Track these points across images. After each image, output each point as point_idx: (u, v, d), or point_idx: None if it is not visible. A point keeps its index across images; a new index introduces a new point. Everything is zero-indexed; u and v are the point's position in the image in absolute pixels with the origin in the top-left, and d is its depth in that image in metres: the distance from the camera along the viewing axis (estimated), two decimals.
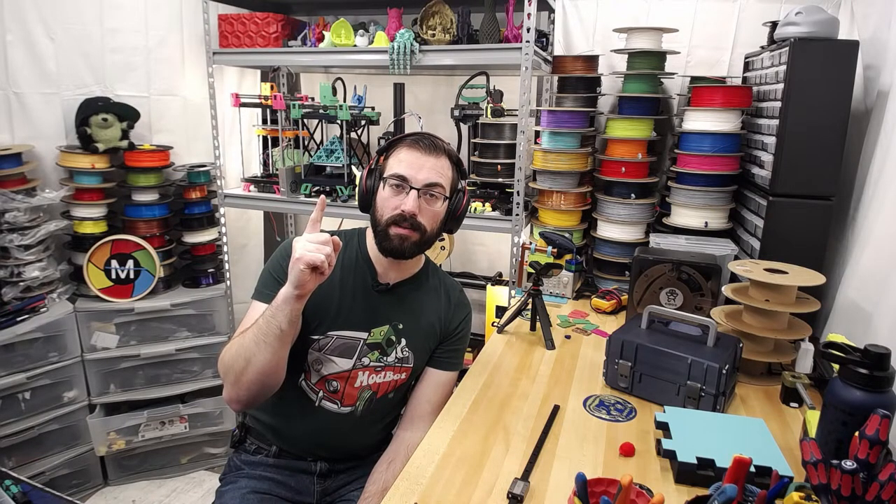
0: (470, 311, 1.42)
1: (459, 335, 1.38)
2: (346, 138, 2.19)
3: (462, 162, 1.31)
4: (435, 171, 1.21)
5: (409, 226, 1.20)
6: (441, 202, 1.24)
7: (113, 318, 2.28)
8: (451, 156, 1.27)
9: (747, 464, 0.82)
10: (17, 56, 2.16)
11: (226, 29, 2.27)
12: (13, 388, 2.07)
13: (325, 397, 1.27)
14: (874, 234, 1.43)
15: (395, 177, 1.20)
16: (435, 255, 2.28)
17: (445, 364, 1.36)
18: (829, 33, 1.54)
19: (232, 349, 1.14)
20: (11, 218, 2.08)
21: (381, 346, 1.28)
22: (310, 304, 1.17)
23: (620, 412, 1.25)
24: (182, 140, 2.48)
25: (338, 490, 1.33)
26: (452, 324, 1.37)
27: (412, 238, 1.21)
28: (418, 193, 1.19)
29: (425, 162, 1.20)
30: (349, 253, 1.32)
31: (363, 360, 1.27)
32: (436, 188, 1.21)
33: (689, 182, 1.86)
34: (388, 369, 1.30)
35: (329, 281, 1.18)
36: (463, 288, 1.44)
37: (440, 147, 1.24)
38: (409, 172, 1.20)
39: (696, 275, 1.55)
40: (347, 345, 1.26)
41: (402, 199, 1.20)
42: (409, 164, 1.20)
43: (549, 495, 0.99)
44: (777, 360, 1.40)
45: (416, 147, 1.22)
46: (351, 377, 1.27)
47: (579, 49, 2.22)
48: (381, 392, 1.31)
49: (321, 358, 1.25)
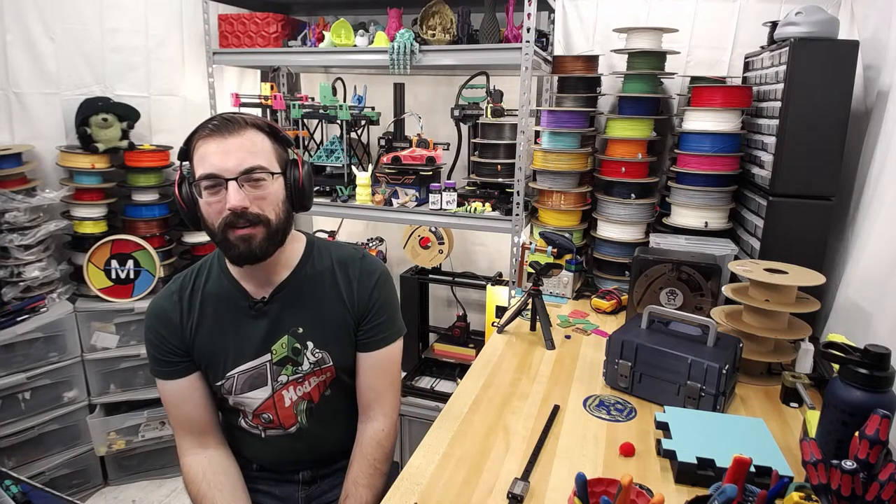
0: (381, 273, 1.22)
1: (377, 307, 1.19)
2: (346, 138, 2.19)
3: (279, 129, 1.12)
4: (245, 151, 1.03)
5: (246, 223, 1.04)
6: (270, 181, 1.06)
7: (113, 318, 2.28)
8: (259, 127, 1.07)
9: (747, 464, 0.82)
10: (17, 56, 2.15)
11: (226, 29, 2.27)
12: (13, 388, 2.06)
13: (266, 429, 1.21)
14: (874, 234, 1.43)
15: (205, 177, 1.02)
16: (434, 255, 2.28)
17: (373, 344, 1.20)
18: (829, 33, 1.54)
19: (191, 497, 1.16)
20: (11, 218, 2.08)
21: (290, 359, 1.17)
22: (198, 355, 1.17)
23: (620, 412, 1.25)
24: (182, 140, 2.46)
25: (323, 495, 1.29)
26: (362, 299, 1.18)
27: (258, 235, 1.05)
28: (238, 183, 1.02)
29: (229, 145, 1.02)
30: (212, 282, 1.18)
31: (280, 380, 1.17)
32: (255, 171, 1.03)
33: (689, 182, 1.86)
34: (308, 377, 1.18)
35: (204, 325, 1.16)
36: (365, 253, 1.25)
37: (239, 122, 1.05)
38: (217, 165, 1.02)
39: (696, 275, 1.55)
40: (254, 375, 1.17)
41: (223, 197, 1.02)
42: (212, 155, 1.02)
43: (549, 495, 0.99)
44: (777, 360, 1.40)
45: (213, 134, 1.03)
46: (277, 401, 1.18)
47: (579, 49, 2.22)
48: (316, 397, 1.21)
49: (237, 399, 1.18)
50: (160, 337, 1.16)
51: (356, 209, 2.15)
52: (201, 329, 1.17)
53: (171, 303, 1.17)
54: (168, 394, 1.18)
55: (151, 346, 1.17)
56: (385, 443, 1.19)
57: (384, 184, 2.14)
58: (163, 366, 1.16)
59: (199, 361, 1.18)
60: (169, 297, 1.18)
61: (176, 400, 1.18)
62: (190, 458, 1.18)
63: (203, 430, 1.20)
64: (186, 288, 1.19)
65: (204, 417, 1.20)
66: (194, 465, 1.17)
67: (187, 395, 1.17)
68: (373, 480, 1.15)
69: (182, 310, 1.17)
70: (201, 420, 1.19)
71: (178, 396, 1.18)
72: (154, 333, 1.16)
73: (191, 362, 1.18)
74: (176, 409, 1.18)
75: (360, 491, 1.13)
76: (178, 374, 1.17)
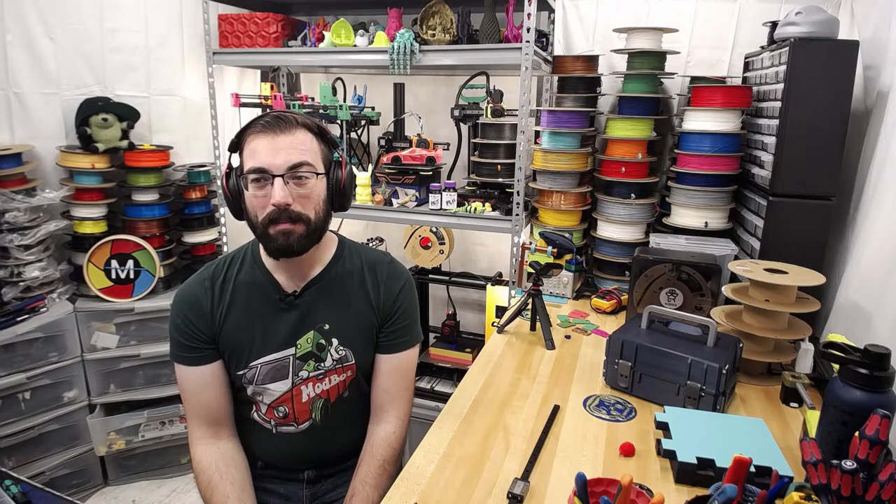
0: (407, 279, 1.26)
1: (400, 311, 1.23)
2: (346, 138, 2.19)
3: (327, 130, 1.16)
4: (294, 150, 1.07)
5: (287, 219, 1.07)
6: (314, 181, 1.10)
7: (113, 318, 2.28)
8: (309, 127, 1.12)
9: (747, 464, 0.82)
10: (17, 56, 2.15)
11: (226, 29, 2.27)
12: (13, 388, 2.06)
13: (278, 424, 1.22)
14: (874, 234, 1.43)
15: (253, 171, 1.06)
16: (434, 255, 2.28)
17: (393, 347, 1.23)
18: (829, 33, 1.54)
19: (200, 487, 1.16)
20: (11, 218, 2.08)
21: (313, 355, 1.19)
22: (224, 344, 1.18)
23: (620, 412, 1.25)
24: (182, 140, 2.48)
25: (327, 493, 1.29)
26: (387, 301, 1.22)
27: (297, 231, 1.09)
28: (283, 180, 1.06)
29: (279, 143, 1.06)
30: (244, 272, 1.21)
31: (301, 375, 1.19)
32: (301, 168, 1.07)
33: (689, 182, 1.86)
34: (330, 374, 1.20)
35: (233, 313, 1.17)
36: (393, 258, 1.29)
37: (291, 121, 1.09)
38: (265, 161, 1.06)
39: (696, 275, 1.55)
40: (277, 367, 1.18)
41: (268, 192, 1.07)
42: (262, 151, 1.06)
43: (549, 495, 0.99)
44: (777, 360, 1.40)
45: (265, 131, 1.07)
46: (295, 396, 1.19)
47: (579, 49, 2.22)
48: (333, 396, 1.22)
49: (256, 389, 1.19)
50: (188, 322, 1.17)
51: (356, 209, 2.15)
52: (230, 317, 1.17)
53: (203, 289, 1.19)
54: (188, 380, 1.19)
55: (178, 332, 1.18)
56: (395, 445, 1.20)
57: (384, 184, 2.14)
58: (187, 351, 1.17)
59: (224, 349, 1.18)
60: (200, 283, 1.20)
61: (195, 387, 1.19)
62: (203, 448, 1.18)
63: (218, 421, 1.20)
64: (219, 276, 1.20)
65: (221, 407, 1.21)
66: (207, 455, 1.17)
67: (208, 383, 1.19)
68: (381, 481, 1.15)
69: (213, 297, 1.18)
70: (218, 410, 1.20)
71: (199, 384, 1.18)
72: (182, 318, 1.17)
73: (215, 350, 1.19)
74: (195, 397, 1.19)
75: (367, 490, 1.14)
76: (201, 361, 1.18)
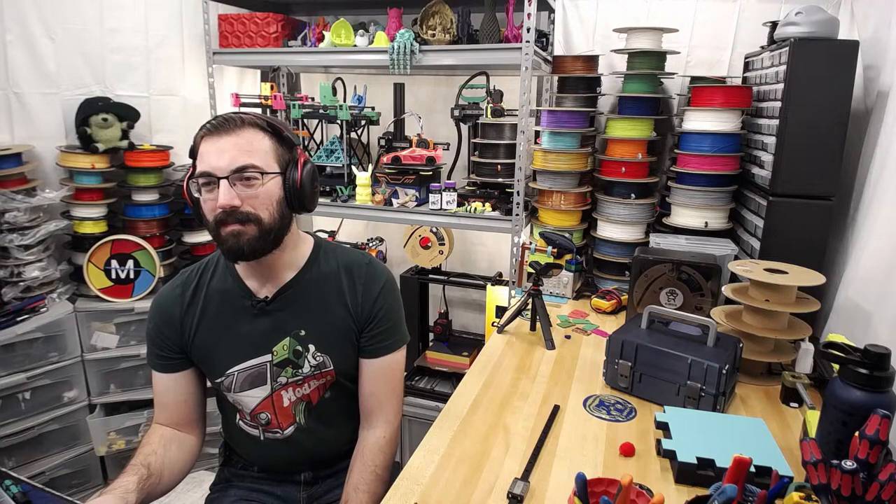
0: (386, 279, 1.21)
1: (381, 314, 1.18)
2: (346, 138, 2.19)
3: (283, 128, 1.10)
4: (238, 150, 1.02)
5: (236, 220, 1.04)
6: (266, 181, 1.05)
7: (113, 318, 2.28)
8: (258, 125, 1.06)
9: (747, 464, 0.82)
10: (17, 56, 2.15)
11: (226, 29, 2.27)
12: (13, 388, 2.06)
13: (264, 430, 1.21)
14: (874, 234, 1.43)
15: (200, 175, 1.04)
16: (434, 255, 2.28)
17: (376, 351, 1.19)
18: (829, 33, 1.54)
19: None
20: (11, 218, 2.08)
21: (290, 361, 1.16)
22: (196, 352, 1.18)
23: (620, 412, 1.25)
24: (182, 140, 2.47)
25: (325, 495, 1.29)
26: (366, 304, 1.17)
27: (248, 232, 1.05)
28: (229, 182, 1.02)
29: (223, 144, 1.02)
30: (217, 279, 1.19)
31: (279, 381, 1.16)
32: (247, 169, 1.03)
33: (689, 182, 1.86)
34: (308, 379, 1.18)
35: (206, 321, 1.17)
36: (372, 259, 1.23)
37: (236, 121, 1.04)
38: (211, 164, 1.02)
39: (696, 275, 1.55)
40: (254, 374, 1.16)
41: (216, 195, 1.03)
42: (207, 154, 1.03)
43: (549, 495, 0.99)
44: (777, 360, 1.40)
45: (209, 134, 1.04)
46: (275, 401, 1.18)
47: (579, 49, 2.22)
48: (315, 399, 1.20)
49: (236, 397, 1.18)
50: (158, 331, 1.18)
51: (356, 209, 2.15)
52: (202, 324, 1.17)
53: (174, 297, 1.19)
54: (156, 383, 1.21)
55: (149, 338, 1.20)
56: (386, 449, 1.19)
57: (384, 184, 2.14)
58: (158, 358, 1.19)
59: (196, 357, 1.19)
60: (172, 290, 1.20)
61: (161, 390, 1.21)
62: (156, 426, 1.21)
63: (179, 424, 1.22)
64: (192, 282, 1.20)
65: (184, 414, 1.21)
66: (157, 430, 1.19)
67: (171, 388, 1.20)
68: (373, 486, 1.14)
69: (184, 304, 1.18)
70: (179, 415, 1.21)
71: (164, 388, 1.20)
72: (153, 325, 1.19)
73: (185, 358, 1.19)
74: (159, 397, 1.21)
75: (359, 496, 1.13)
76: (171, 369, 1.19)
